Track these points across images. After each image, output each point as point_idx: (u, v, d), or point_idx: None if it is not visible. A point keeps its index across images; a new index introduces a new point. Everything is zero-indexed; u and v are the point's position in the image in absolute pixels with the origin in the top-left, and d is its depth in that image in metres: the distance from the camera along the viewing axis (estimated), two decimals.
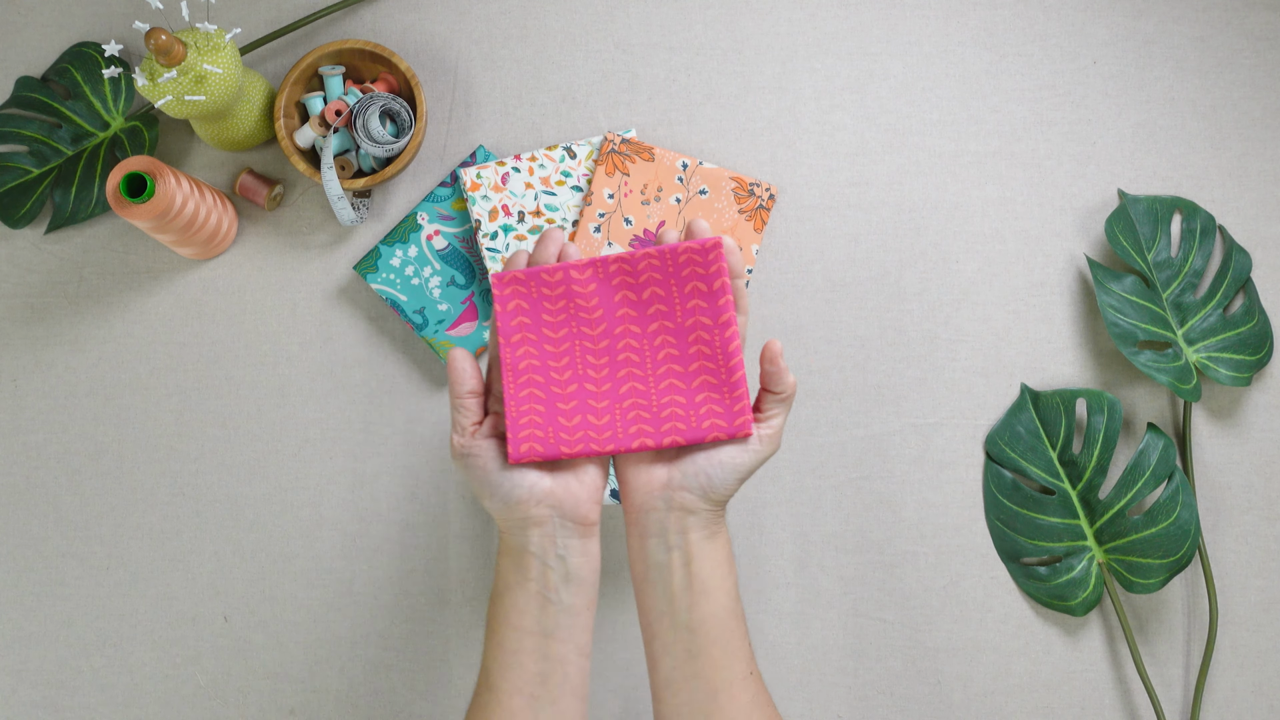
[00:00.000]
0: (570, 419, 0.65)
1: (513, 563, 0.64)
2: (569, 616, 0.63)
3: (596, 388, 0.65)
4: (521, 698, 0.62)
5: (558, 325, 0.66)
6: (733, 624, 0.63)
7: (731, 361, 0.64)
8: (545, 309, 0.65)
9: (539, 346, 0.65)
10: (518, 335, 0.65)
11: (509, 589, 0.63)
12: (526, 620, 0.63)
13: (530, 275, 0.65)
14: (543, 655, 0.62)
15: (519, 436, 0.64)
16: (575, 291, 0.65)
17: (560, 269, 0.65)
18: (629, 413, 0.65)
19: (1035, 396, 0.90)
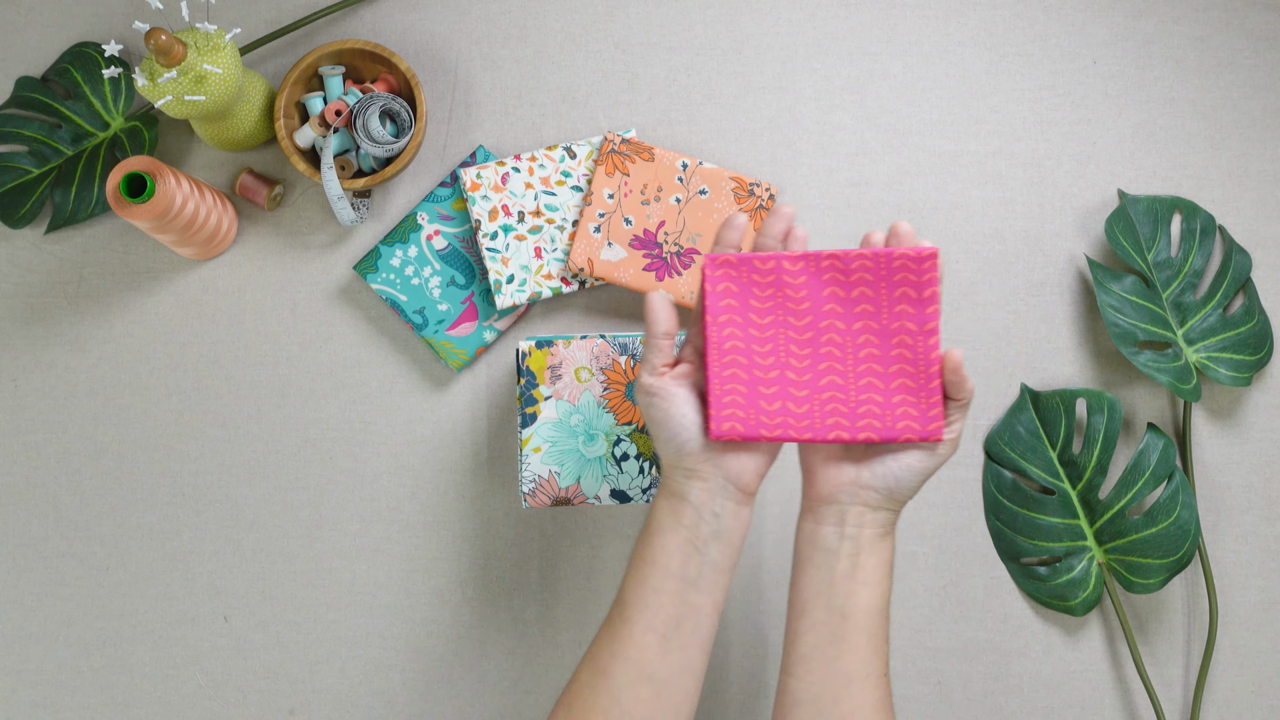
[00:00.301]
0: (771, 403, 0.67)
1: (670, 506, 0.66)
2: (712, 571, 0.66)
3: (798, 376, 0.68)
4: (654, 635, 0.64)
5: (765, 311, 0.68)
6: (880, 621, 0.66)
7: (932, 369, 0.66)
8: (754, 294, 0.68)
9: (744, 330, 0.68)
10: (725, 316, 0.68)
11: (661, 530, 0.66)
12: (674, 564, 0.65)
13: (743, 261, 0.67)
14: (681, 600, 0.65)
15: (721, 415, 0.66)
16: (785, 281, 0.68)
17: (773, 258, 0.67)
18: (827, 404, 0.67)
19: (1035, 396, 0.90)
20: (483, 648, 0.90)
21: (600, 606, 0.90)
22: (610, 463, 0.82)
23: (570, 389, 0.82)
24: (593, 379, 0.82)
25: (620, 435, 0.82)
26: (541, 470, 0.81)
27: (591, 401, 0.82)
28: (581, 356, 0.82)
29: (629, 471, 0.82)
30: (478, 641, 0.90)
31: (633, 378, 0.80)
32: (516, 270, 0.90)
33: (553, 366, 0.82)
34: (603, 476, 0.82)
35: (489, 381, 0.92)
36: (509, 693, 0.89)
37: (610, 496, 0.82)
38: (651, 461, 0.82)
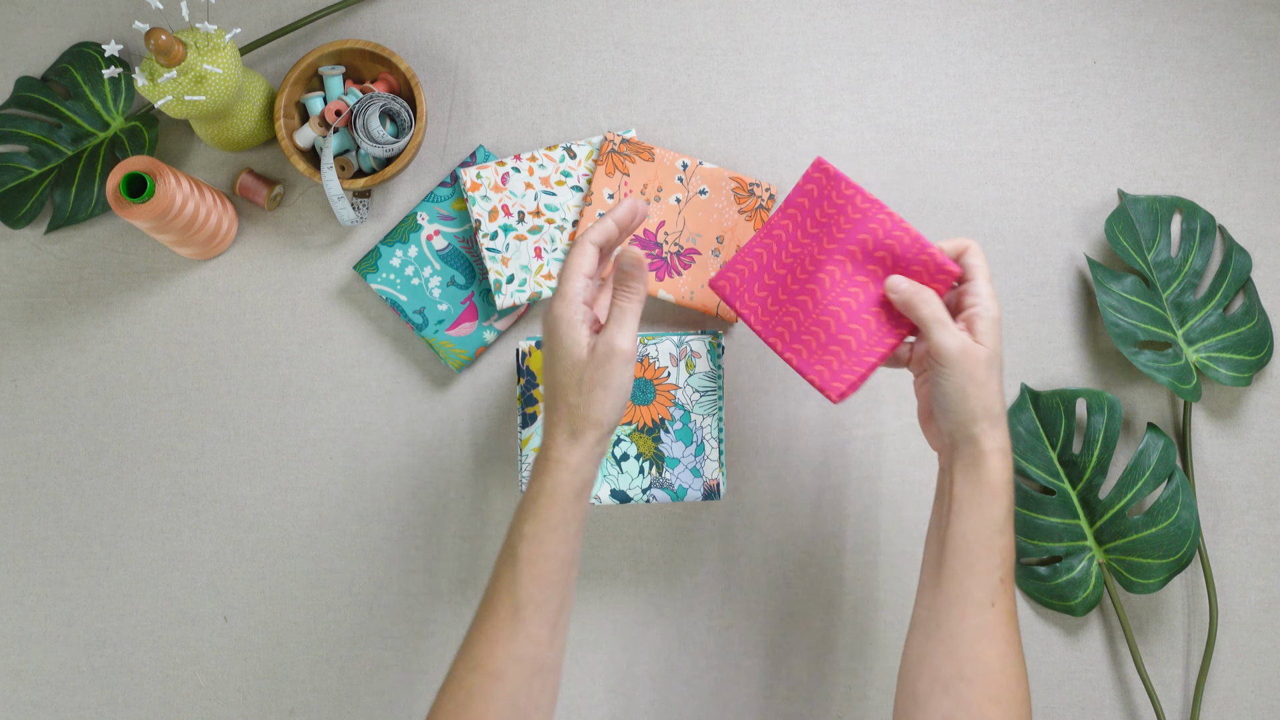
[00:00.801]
0: (757, 294, 0.77)
1: (574, 497, 0.66)
2: (580, 538, 0.67)
3: (788, 286, 0.76)
4: (547, 628, 0.64)
5: (814, 225, 0.76)
6: (981, 549, 0.66)
7: (877, 349, 0.73)
8: (821, 209, 0.76)
9: (791, 231, 0.77)
10: (793, 210, 0.77)
11: (564, 523, 0.65)
12: (570, 552, 0.65)
13: (838, 177, 0.75)
14: (570, 585, 0.66)
15: (725, 274, 0.78)
16: (847, 213, 0.75)
17: (857, 190, 0.75)
18: (785, 318, 0.76)
19: (1035, 396, 0.90)
20: None
21: (600, 606, 0.90)
22: (610, 463, 0.82)
23: None
24: None
25: (620, 435, 0.82)
26: None
27: None
28: None
29: (629, 471, 0.82)
30: None
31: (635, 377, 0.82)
32: (516, 270, 0.90)
33: None
34: (602, 477, 0.82)
35: (489, 381, 0.92)
36: None
37: (610, 497, 0.82)
38: (651, 462, 0.82)
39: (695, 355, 0.83)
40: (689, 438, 0.83)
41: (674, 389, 0.83)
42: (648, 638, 0.89)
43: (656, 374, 0.84)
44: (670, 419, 0.83)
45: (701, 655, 0.89)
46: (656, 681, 0.89)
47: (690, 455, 0.83)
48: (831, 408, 0.91)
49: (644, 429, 0.83)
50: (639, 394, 0.83)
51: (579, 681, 0.89)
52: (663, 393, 0.84)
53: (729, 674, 0.89)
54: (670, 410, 0.83)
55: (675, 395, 0.83)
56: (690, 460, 0.83)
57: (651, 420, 0.83)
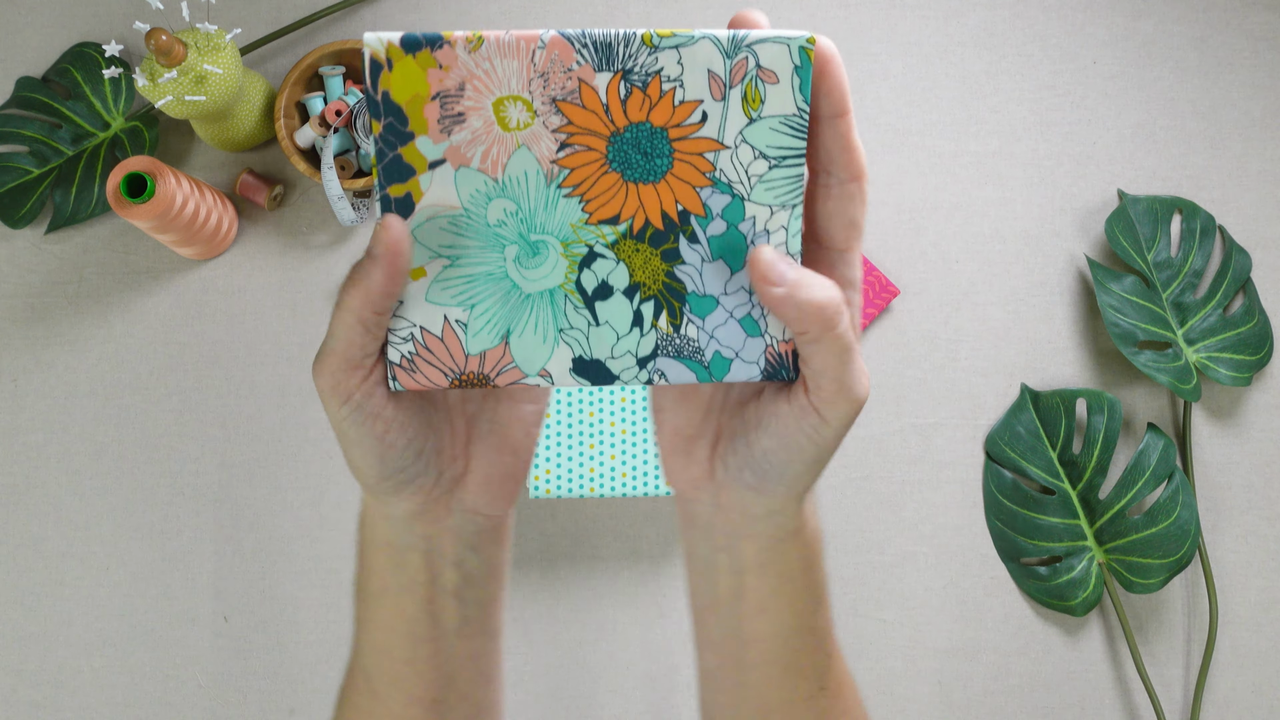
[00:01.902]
0: None
1: (390, 561, 0.42)
2: (477, 610, 0.44)
3: None
4: (421, 707, 0.45)
5: None
6: (798, 643, 0.43)
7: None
8: None
9: None
10: None
11: (386, 592, 0.43)
12: (419, 628, 0.43)
13: None
14: (446, 657, 0.44)
15: None
16: None
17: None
18: None
19: (1035, 396, 0.90)
20: None
21: (600, 606, 0.90)
22: (573, 303, 0.38)
23: (487, 145, 0.36)
24: (535, 122, 0.36)
25: (594, 245, 0.37)
26: (429, 317, 0.37)
27: (534, 171, 0.36)
28: (509, 72, 0.35)
29: (611, 321, 0.38)
30: None
31: (626, 122, 0.36)
32: None
33: (445, 94, 0.35)
34: (557, 331, 0.38)
35: None
36: (509, 692, 0.89)
37: (573, 373, 0.38)
38: (659, 303, 0.38)
39: (766, 77, 0.36)
40: (740, 255, 0.38)
41: (714, 149, 0.36)
42: (648, 638, 0.89)
43: (678, 116, 0.36)
44: (703, 214, 0.37)
45: None
46: (657, 682, 0.89)
47: (741, 290, 0.38)
48: None
49: (644, 233, 0.37)
50: (637, 160, 0.37)
51: (579, 682, 0.89)
52: (687, 157, 0.37)
53: None
54: (703, 195, 0.37)
55: (715, 164, 0.37)
56: (742, 301, 0.38)
57: (662, 215, 0.37)
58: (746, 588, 0.42)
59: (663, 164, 0.37)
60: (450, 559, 0.42)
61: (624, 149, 0.37)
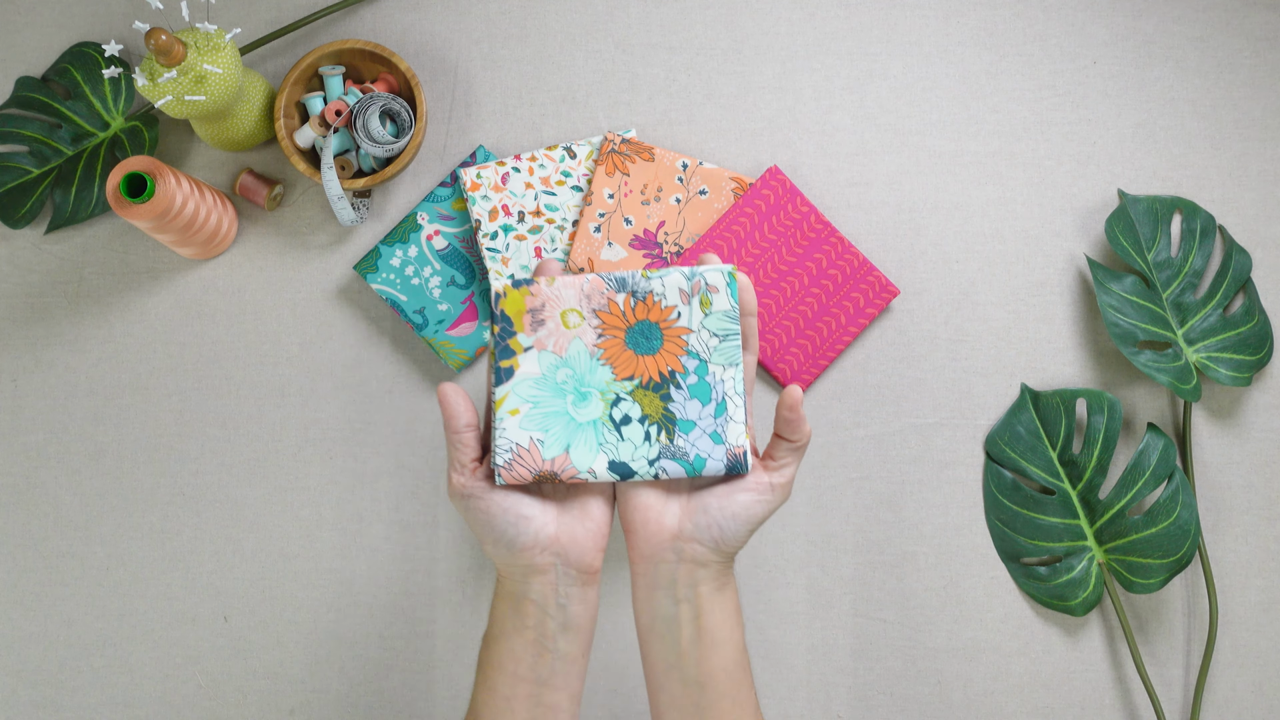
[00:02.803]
0: None
1: (511, 608, 0.62)
2: (565, 664, 0.62)
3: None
4: None
5: (774, 229, 0.89)
6: (740, 676, 0.61)
7: (833, 349, 0.77)
8: (778, 214, 0.90)
9: (749, 230, 0.89)
10: (751, 209, 0.88)
11: (505, 635, 0.62)
12: (522, 668, 0.61)
13: (792, 191, 0.89)
14: (536, 702, 0.61)
15: (690, 259, 0.86)
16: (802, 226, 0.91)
17: (812, 210, 0.90)
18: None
19: (1035, 396, 0.90)
20: None
21: (600, 606, 0.90)
22: (608, 428, 0.65)
23: (556, 337, 0.65)
24: (584, 324, 0.65)
25: (620, 393, 0.66)
26: (520, 437, 0.63)
27: (583, 352, 0.65)
28: (569, 296, 0.65)
29: (631, 438, 0.65)
30: (477, 641, 0.89)
31: (635, 320, 0.65)
32: (516, 270, 0.90)
33: (534, 310, 0.65)
34: (598, 445, 0.64)
35: None
36: None
37: (609, 470, 0.64)
38: (659, 426, 0.66)
39: (712, 290, 0.65)
40: (706, 394, 0.65)
41: (686, 333, 0.66)
42: None
43: (663, 315, 0.66)
44: (682, 371, 0.66)
45: None
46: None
47: (709, 416, 0.65)
48: (831, 407, 0.91)
49: (649, 385, 0.66)
50: (642, 341, 0.66)
51: None
52: (671, 339, 0.66)
53: None
54: (682, 360, 0.66)
55: (688, 341, 0.66)
56: (709, 423, 0.65)
57: (659, 374, 0.66)
58: (704, 628, 0.60)
59: (658, 343, 0.65)
60: (551, 607, 0.61)
61: (635, 335, 0.65)
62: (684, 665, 0.61)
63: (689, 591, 0.61)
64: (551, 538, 0.61)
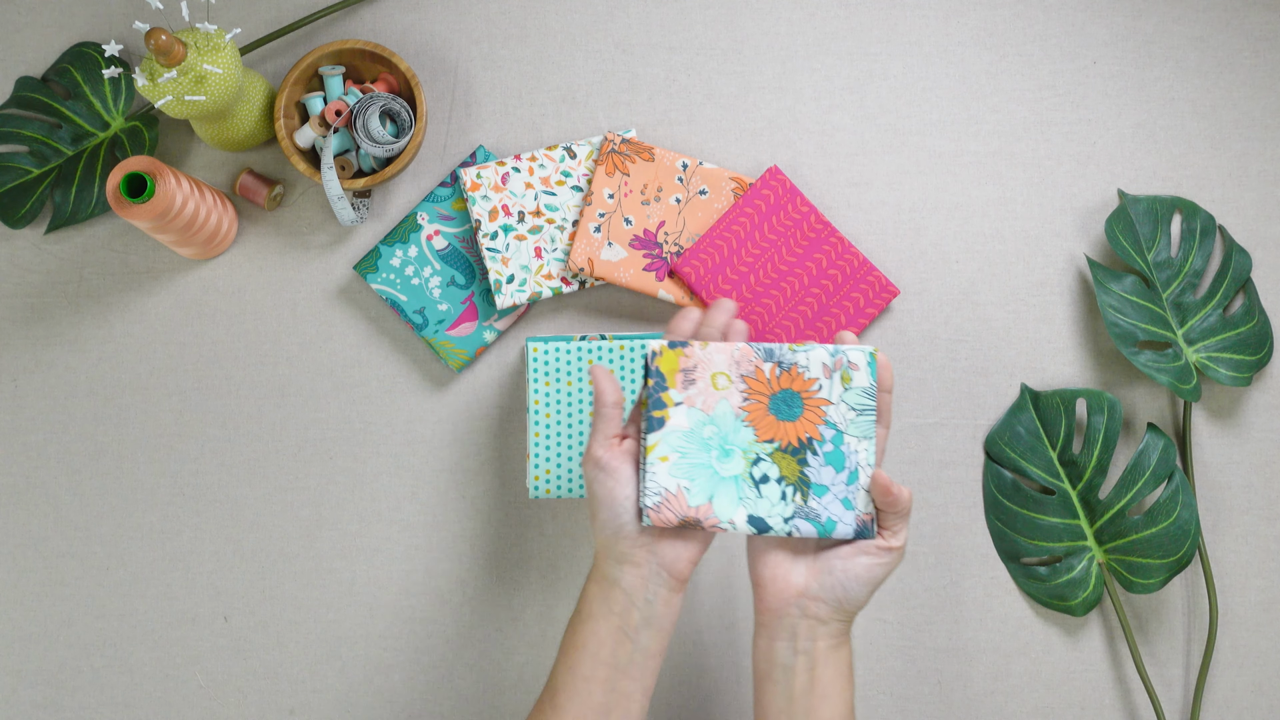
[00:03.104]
0: (724, 285, 0.89)
1: (601, 592, 0.67)
2: (643, 657, 0.66)
3: (749, 283, 0.90)
4: (591, 715, 0.66)
5: (774, 229, 0.90)
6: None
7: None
8: (778, 214, 0.91)
9: (750, 230, 0.90)
10: (751, 209, 0.90)
11: (592, 616, 0.67)
12: (604, 651, 0.66)
13: (792, 191, 0.91)
14: (611, 688, 0.66)
15: (690, 259, 0.89)
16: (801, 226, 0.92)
17: (811, 210, 0.91)
18: (751, 313, 0.91)
19: (1035, 396, 0.90)
20: (483, 648, 0.90)
21: None
22: (748, 484, 0.70)
23: (705, 396, 0.70)
24: (731, 387, 0.71)
25: (760, 454, 0.71)
26: (669, 483, 0.69)
27: (729, 412, 0.70)
28: (720, 361, 0.71)
29: (769, 496, 0.70)
30: (478, 641, 0.89)
31: (779, 388, 0.71)
32: (516, 270, 0.90)
33: (686, 370, 0.71)
34: (739, 499, 0.70)
35: (489, 381, 0.92)
36: (509, 693, 0.89)
37: (747, 523, 0.69)
38: (795, 487, 0.71)
39: (853, 367, 0.71)
40: (840, 462, 0.71)
41: (825, 404, 0.71)
42: None
43: (805, 386, 0.71)
44: (820, 439, 0.71)
45: (702, 655, 0.89)
46: (657, 681, 0.89)
47: (841, 483, 0.71)
48: None
49: (788, 448, 0.71)
50: (784, 408, 0.71)
51: None
52: (812, 408, 0.71)
53: (730, 674, 0.89)
54: (820, 429, 0.71)
55: (826, 412, 0.71)
56: (841, 489, 0.70)
57: (798, 439, 0.71)
58: (817, 679, 0.65)
59: (798, 411, 0.71)
60: (639, 601, 0.66)
61: (778, 402, 0.70)
62: (793, 712, 0.66)
63: (808, 644, 0.66)
64: (655, 536, 0.67)
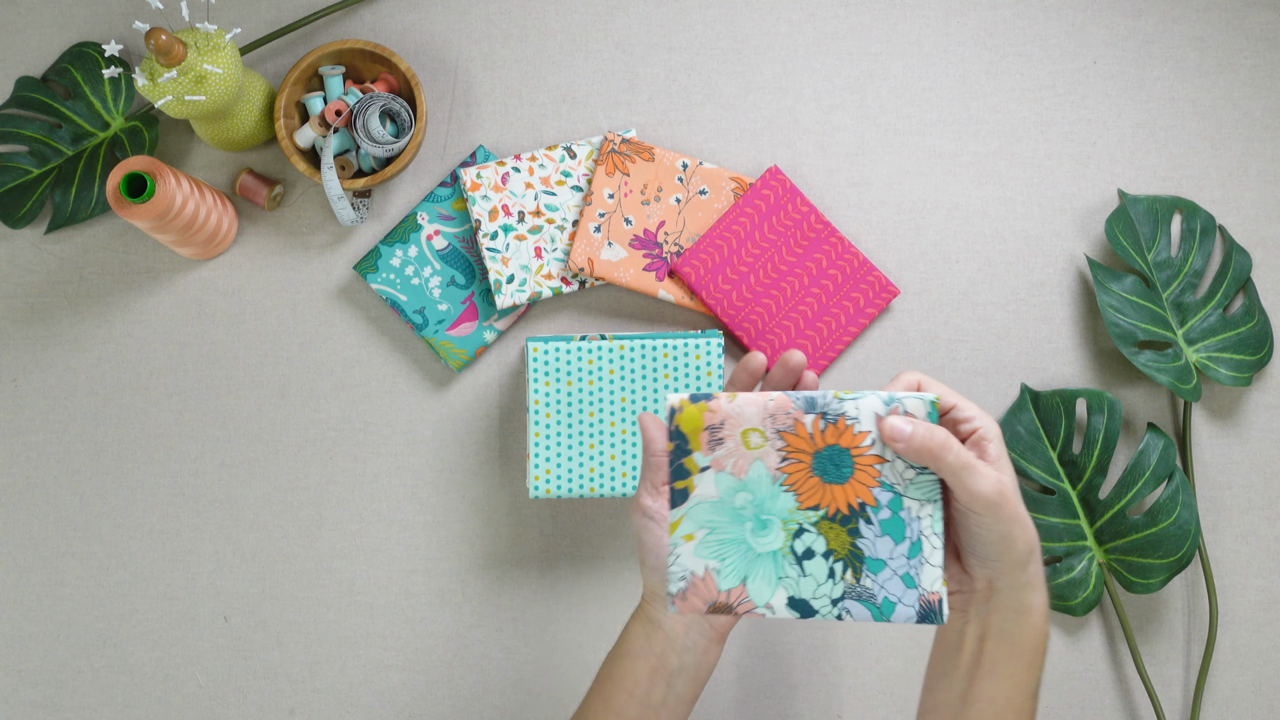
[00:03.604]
0: (724, 285, 0.90)
1: (644, 631, 0.67)
2: (675, 701, 0.66)
3: (749, 283, 0.90)
4: None
5: (774, 229, 0.91)
6: (1012, 709, 0.58)
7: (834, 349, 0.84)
8: (778, 214, 0.91)
9: (749, 230, 0.90)
10: (751, 209, 0.90)
11: (631, 654, 0.67)
12: (639, 689, 0.66)
13: (792, 191, 0.91)
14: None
15: (690, 259, 0.89)
16: (801, 226, 0.91)
17: (811, 210, 0.91)
18: (752, 313, 0.90)
19: (1035, 396, 0.90)
20: (483, 648, 0.90)
21: (601, 607, 0.90)
22: (788, 561, 0.59)
23: (736, 458, 0.60)
24: (766, 445, 0.60)
25: (803, 524, 0.59)
26: (696, 565, 0.59)
27: (765, 476, 0.60)
28: (752, 415, 0.60)
29: (814, 574, 0.59)
30: (478, 641, 0.89)
31: (824, 444, 0.59)
32: (516, 270, 0.90)
33: (712, 427, 0.60)
34: (778, 579, 0.59)
35: (489, 381, 0.92)
36: (509, 693, 0.89)
37: (787, 607, 0.59)
38: (845, 563, 0.60)
39: (911, 418, 0.59)
40: (900, 532, 0.59)
41: (880, 462, 0.59)
42: None
43: (855, 441, 0.59)
44: (874, 504, 0.59)
45: None
46: None
47: (901, 556, 0.59)
48: None
49: (835, 517, 0.59)
50: (830, 469, 0.60)
51: (581, 682, 0.89)
52: (863, 468, 0.59)
53: (730, 674, 0.89)
54: (874, 492, 0.59)
55: (881, 471, 0.59)
56: (901, 563, 0.59)
57: (847, 505, 0.59)
58: (984, 652, 0.59)
59: (848, 471, 0.59)
60: (678, 646, 0.66)
61: (823, 462, 0.59)
62: (955, 676, 0.60)
63: (978, 615, 0.60)
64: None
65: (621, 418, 0.86)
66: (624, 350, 0.86)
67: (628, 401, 0.86)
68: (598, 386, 0.86)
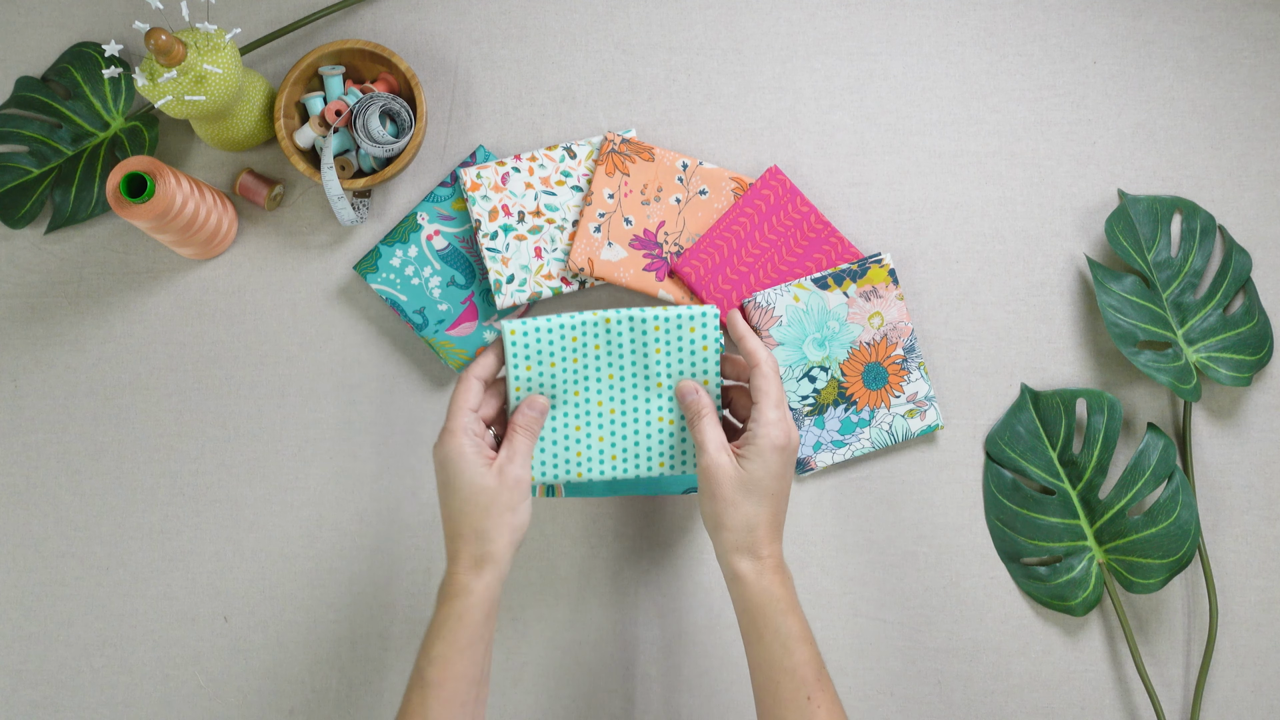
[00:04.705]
0: (724, 284, 0.90)
1: (484, 618, 0.70)
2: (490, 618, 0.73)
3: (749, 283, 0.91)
4: (471, 683, 0.71)
5: (774, 229, 0.91)
6: (779, 674, 0.70)
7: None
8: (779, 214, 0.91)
9: (750, 230, 0.91)
10: (751, 209, 0.90)
11: (474, 643, 0.70)
12: (482, 672, 0.71)
13: (792, 191, 0.91)
14: (480, 705, 0.71)
15: (690, 259, 0.90)
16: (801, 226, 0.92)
17: (811, 210, 0.91)
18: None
19: (1035, 396, 0.90)
20: None
21: (600, 607, 0.90)
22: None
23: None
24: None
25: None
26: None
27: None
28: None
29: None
30: None
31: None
32: (516, 270, 0.90)
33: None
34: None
35: None
36: (509, 693, 0.89)
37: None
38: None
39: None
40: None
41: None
42: (648, 637, 0.89)
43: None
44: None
45: (702, 655, 0.89)
46: (657, 681, 0.89)
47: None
48: None
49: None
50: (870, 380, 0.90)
51: (580, 682, 0.89)
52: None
53: (730, 674, 0.89)
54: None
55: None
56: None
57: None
58: (739, 624, 0.72)
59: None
60: (495, 596, 0.72)
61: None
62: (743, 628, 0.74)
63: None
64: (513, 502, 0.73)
65: (609, 396, 0.81)
66: (609, 324, 0.79)
67: (615, 379, 0.81)
68: (582, 364, 0.80)
